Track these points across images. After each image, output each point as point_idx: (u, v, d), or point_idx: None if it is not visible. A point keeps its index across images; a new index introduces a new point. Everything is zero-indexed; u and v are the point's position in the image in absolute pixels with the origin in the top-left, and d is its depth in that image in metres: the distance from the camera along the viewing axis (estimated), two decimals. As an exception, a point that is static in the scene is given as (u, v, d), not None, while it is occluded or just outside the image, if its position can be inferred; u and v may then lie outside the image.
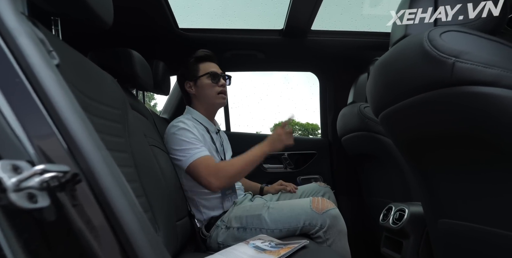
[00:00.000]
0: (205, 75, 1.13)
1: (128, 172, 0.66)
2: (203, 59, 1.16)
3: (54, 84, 0.32)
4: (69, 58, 0.55)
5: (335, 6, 1.31)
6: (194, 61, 1.15)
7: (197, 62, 1.15)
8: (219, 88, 1.14)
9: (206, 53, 1.16)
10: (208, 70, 1.14)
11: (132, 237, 0.31)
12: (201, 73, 1.14)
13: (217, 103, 1.17)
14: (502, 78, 0.45)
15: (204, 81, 1.13)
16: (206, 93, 1.14)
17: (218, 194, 1.07)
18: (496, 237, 0.57)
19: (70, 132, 0.32)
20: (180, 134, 1.02)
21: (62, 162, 0.31)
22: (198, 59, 1.15)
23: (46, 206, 0.28)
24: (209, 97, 1.14)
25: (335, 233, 0.93)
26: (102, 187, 0.32)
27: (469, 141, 0.55)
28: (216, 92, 1.14)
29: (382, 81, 0.70)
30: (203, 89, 1.14)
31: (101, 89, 0.66)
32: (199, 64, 1.15)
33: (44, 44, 0.35)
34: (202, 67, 1.15)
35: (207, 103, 1.15)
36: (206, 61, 1.16)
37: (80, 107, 0.34)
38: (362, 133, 1.29)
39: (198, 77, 1.13)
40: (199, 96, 1.15)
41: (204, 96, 1.15)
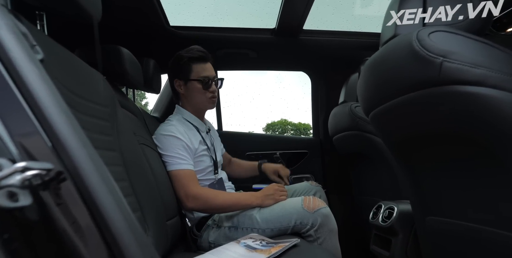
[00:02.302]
0: (197, 80, 1.09)
1: (116, 171, 0.65)
2: (197, 60, 1.10)
3: (37, 80, 0.31)
4: (54, 54, 0.53)
5: (326, 6, 1.32)
6: (187, 60, 1.09)
7: (190, 62, 1.09)
8: (209, 94, 1.11)
9: (201, 54, 1.10)
10: (201, 75, 1.08)
11: (119, 237, 0.31)
12: (192, 77, 1.09)
13: (206, 107, 1.16)
14: (487, 78, 0.46)
15: (195, 85, 1.09)
16: (196, 97, 1.11)
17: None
18: (482, 233, 0.58)
19: (54, 129, 0.31)
20: (169, 139, 1.01)
21: (46, 160, 0.30)
22: (192, 59, 1.09)
23: (28, 205, 0.27)
24: (199, 102, 1.12)
25: (326, 232, 0.94)
26: (88, 185, 0.31)
27: (455, 139, 0.56)
28: (207, 97, 1.11)
29: (372, 80, 0.70)
30: (193, 93, 1.10)
31: (89, 86, 0.64)
32: (192, 64, 1.09)
33: (27, 38, 0.34)
34: (195, 69, 1.09)
35: (195, 105, 1.13)
36: (200, 62, 1.10)
37: (65, 104, 0.33)
38: (353, 132, 1.31)
39: (189, 79, 1.09)
40: (188, 97, 1.12)
41: (193, 98, 1.11)
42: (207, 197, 0.96)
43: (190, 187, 0.96)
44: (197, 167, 1.06)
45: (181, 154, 1.00)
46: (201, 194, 0.96)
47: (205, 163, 1.09)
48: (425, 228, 0.76)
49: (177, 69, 1.11)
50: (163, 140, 1.01)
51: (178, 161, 0.99)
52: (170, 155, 0.99)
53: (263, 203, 0.98)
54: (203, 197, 0.96)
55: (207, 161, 1.09)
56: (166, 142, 1.01)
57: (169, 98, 1.71)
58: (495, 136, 0.48)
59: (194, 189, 0.96)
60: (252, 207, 0.98)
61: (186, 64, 1.09)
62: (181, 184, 0.97)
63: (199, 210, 1.00)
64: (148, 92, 1.35)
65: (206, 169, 1.09)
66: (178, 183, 0.98)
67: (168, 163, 0.99)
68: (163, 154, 1.00)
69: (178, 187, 0.97)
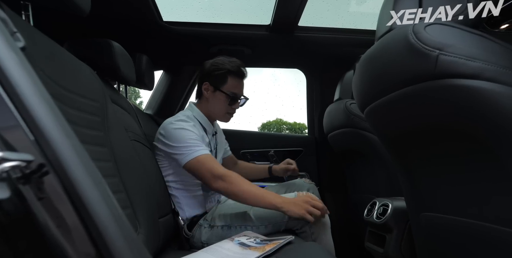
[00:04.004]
0: (226, 93, 1.08)
1: (106, 167, 0.64)
2: (236, 74, 1.09)
3: (17, 68, 0.30)
4: (39, 45, 0.51)
5: (322, 2, 1.31)
6: (226, 72, 1.08)
7: (228, 74, 1.08)
8: (230, 110, 1.12)
9: (241, 70, 1.09)
10: (231, 90, 1.08)
11: (105, 233, 0.29)
12: (223, 88, 1.08)
13: (220, 120, 1.16)
14: (483, 71, 0.45)
15: (222, 97, 1.09)
16: (217, 107, 1.10)
17: (201, 193, 1.05)
18: (475, 228, 0.58)
19: (35, 120, 0.29)
20: (181, 132, 0.98)
21: (26, 151, 0.28)
22: (231, 72, 1.08)
23: (6, 198, 0.25)
24: (216, 112, 1.12)
25: (319, 228, 0.94)
26: (72, 179, 0.29)
27: (451, 134, 0.55)
28: (226, 111, 1.11)
29: (368, 76, 0.70)
30: (216, 102, 1.10)
31: (77, 80, 0.62)
32: (229, 76, 1.08)
33: (7, 24, 0.32)
34: (230, 82, 1.08)
35: (212, 112, 1.12)
36: (237, 77, 1.09)
37: (48, 94, 0.32)
38: (348, 129, 1.30)
39: (220, 89, 1.09)
40: (209, 102, 1.11)
41: (213, 106, 1.11)
42: (234, 179, 0.92)
43: (217, 168, 0.93)
44: None
45: (196, 142, 0.97)
46: (229, 175, 0.92)
47: None
48: (419, 224, 0.75)
49: (213, 74, 1.09)
50: (174, 133, 0.98)
51: (196, 149, 0.95)
52: (185, 145, 0.96)
53: (288, 209, 0.86)
54: (231, 178, 0.92)
55: None
56: (178, 135, 0.97)
57: (162, 96, 1.69)
58: (490, 129, 0.47)
59: (221, 169, 0.94)
60: (274, 208, 0.88)
61: (223, 74, 1.08)
62: (206, 167, 0.93)
63: (223, 191, 0.93)
64: (140, 88, 1.33)
65: None
66: (203, 167, 0.93)
67: (185, 154, 0.95)
68: (177, 146, 0.96)
69: (204, 170, 0.93)
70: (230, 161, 1.34)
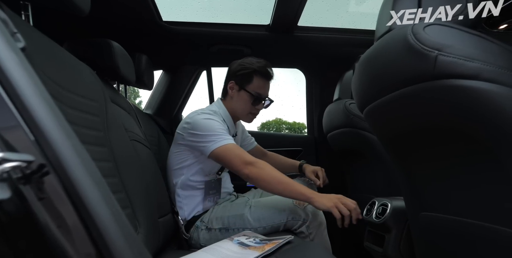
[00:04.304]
0: (250, 93, 1.09)
1: (106, 167, 0.64)
2: (262, 75, 1.09)
3: (17, 68, 0.30)
4: (39, 45, 0.51)
5: (321, 2, 1.31)
6: (252, 71, 1.08)
7: (253, 73, 1.09)
8: (253, 110, 1.12)
9: (268, 71, 1.10)
10: (256, 90, 1.09)
11: (105, 233, 0.30)
12: (248, 88, 1.09)
13: (243, 119, 1.17)
14: (482, 72, 0.45)
15: (246, 96, 1.10)
16: (240, 106, 1.11)
17: (203, 192, 1.05)
18: (474, 228, 0.58)
19: (35, 120, 0.29)
20: (210, 122, 1.00)
21: (26, 152, 0.28)
22: (257, 72, 1.08)
23: (6, 199, 0.25)
24: (240, 111, 1.12)
25: (316, 227, 0.94)
26: (73, 179, 0.30)
27: (451, 134, 0.56)
28: (249, 111, 1.12)
29: (367, 75, 0.70)
30: (240, 101, 1.11)
31: (76, 80, 0.63)
32: (254, 76, 1.09)
33: (7, 25, 0.32)
34: (255, 82, 1.09)
35: (235, 111, 1.13)
36: (262, 78, 1.10)
37: (49, 94, 0.32)
38: (347, 129, 1.30)
39: (244, 89, 1.09)
40: (233, 101, 1.12)
41: (237, 105, 1.12)
42: (265, 165, 0.93)
43: (246, 155, 0.94)
44: (209, 162, 1.04)
45: (224, 132, 0.98)
46: (259, 162, 0.93)
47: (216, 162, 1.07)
48: (418, 224, 0.76)
49: (239, 73, 1.10)
50: (203, 123, 0.99)
51: (224, 137, 0.97)
52: (214, 134, 0.96)
53: (317, 200, 0.85)
54: (262, 165, 0.93)
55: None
56: (207, 124, 0.99)
57: (162, 95, 1.69)
58: (489, 129, 0.47)
59: (251, 157, 0.94)
60: (304, 198, 0.87)
61: (249, 74, 1.09)
62: (236, 153, 0.94)
63: (254, 176, 0.92)
64: (140, 88, 1.33)
65: (214, 167, 1.08)
66: (232, 153, 0.94)
67: (214, 141, 0.95)
68: (205, 134, 0.97)
69: (234, 156, 0.94)
70: (258, 151, 1.33)
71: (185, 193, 1.04)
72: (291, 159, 1.34)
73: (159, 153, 1.23)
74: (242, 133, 1.27)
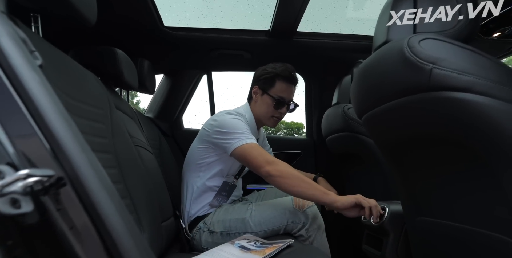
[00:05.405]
0: (272, 97, 1.11)
1: (112, 173, 0.65)
2: (284, 79, 1.11)
3: (37, 86, 0.32)
4: (50, 58, 0.53)
5: (320, 9, 1.34)
6: (274, 75, 1.10)
7: (276, 77, 1.10)
8: (276, 114, 1.14)
9: (291, 75, 1.11)
10: (279, 94, 1.11)
11: (119, 242, 0.31)
12: (270, 92, 1.11)
13: (266, 123, 1.18)
14: (474, 85, 0.48)
15: (268, 100, 1.12)
16: (263, 110, 1.13)
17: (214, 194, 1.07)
18: (468, 233, 0.60)
19: (54, 134, 0.31)
20: (237, 121, 1.02)
21: (46, 165, 0.30)
22: (279, 76, 1.10)
23: (30, 211, 0.27)
24: (263, 114, 1.14)
25: (315, 230, 0.96)
26: (88, 190, 0.31)
27: (444, 143, 0.58)
28: (271, 114, 1.14)
29: (365, 84, 0.72)
30: (263, 105, 1.13)
31: (83, 88, 0.64)
32: (277, 80, 1.10)
33: (26, 44, 0.34)
34: (277, 86, 1.11)
35: (258, 115, 1.15)
36: (285, 82, 1.11)
37: (64, 109, 0.34)
38: (345, 133, 1.32)
39: (267, 93, 1.11)
40: (257, 105, 1.15)
41: (260, 109, 1.14)
42: (287, 165, 0.94)
43: (268, 155, 0.96)
44: (229, 163, 1.06)
45: (249, 132, 1.00)
46: (281, 162, 0.95)
47: (236, 164, 1.09)
48: (415, 228, 0.78)
49: (262, 78, 1.12)
50: (230, 121, 1.01)
51: (249, 136, 0.99)
52: (240, 132, 0.98)
53: (340, 197, 0.86)
54: (283, 164, 0.94)
55: (238, 164, 1.10)
56: (234, 123, 1.01)
57: (163, 99, 1.71)
58: (482, 140, 0.50)
59: (273, 157, 0.96)
60: (326, 197, 0.87)
61: (271, 78, 1.11)
62: (259, 152, 0.95)
63: (277, 174, 0.91)
64: (142, 93, 1.35)
65: (232, 170, 1.10)
66: (255, 152, 0.95)
67: (239, 139, 0.97)
68: (231, 132, 0.99)
69: (257, 154, 0.94)
70: None
71: (196, 196, 1.06)
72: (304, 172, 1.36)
73: (160, 156, 1.25)
74: (262, 140, 1.29)
